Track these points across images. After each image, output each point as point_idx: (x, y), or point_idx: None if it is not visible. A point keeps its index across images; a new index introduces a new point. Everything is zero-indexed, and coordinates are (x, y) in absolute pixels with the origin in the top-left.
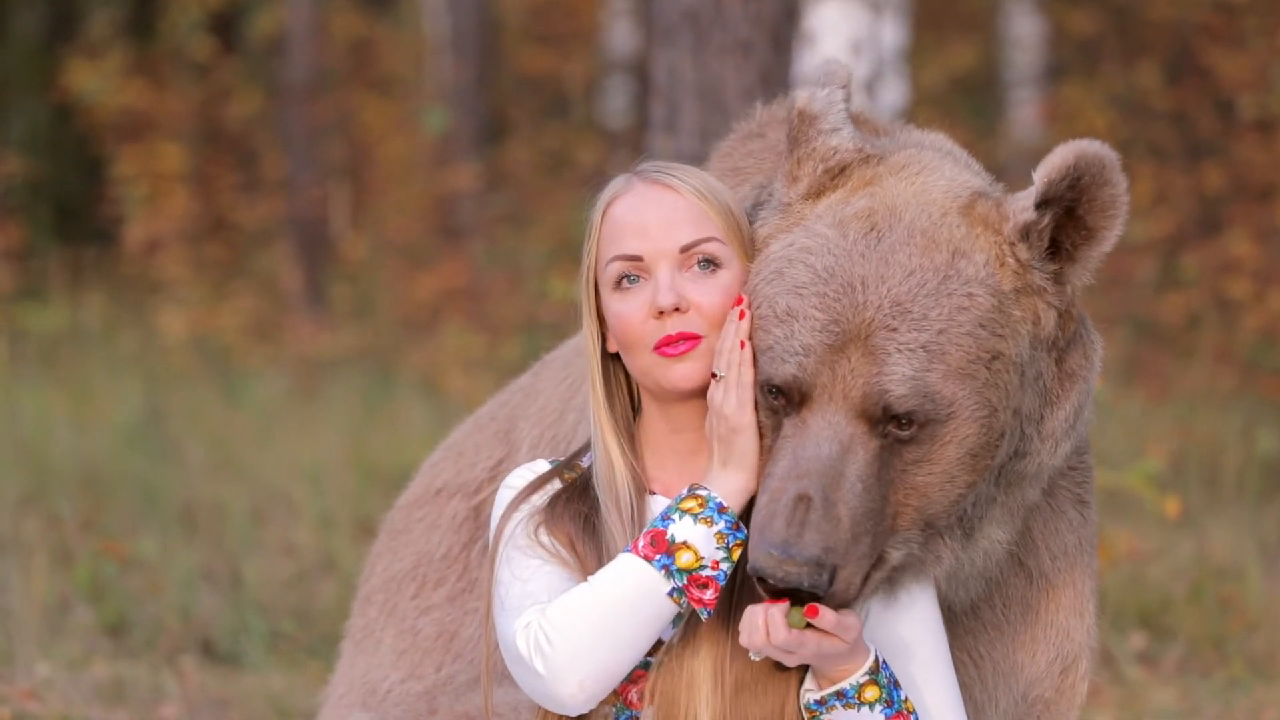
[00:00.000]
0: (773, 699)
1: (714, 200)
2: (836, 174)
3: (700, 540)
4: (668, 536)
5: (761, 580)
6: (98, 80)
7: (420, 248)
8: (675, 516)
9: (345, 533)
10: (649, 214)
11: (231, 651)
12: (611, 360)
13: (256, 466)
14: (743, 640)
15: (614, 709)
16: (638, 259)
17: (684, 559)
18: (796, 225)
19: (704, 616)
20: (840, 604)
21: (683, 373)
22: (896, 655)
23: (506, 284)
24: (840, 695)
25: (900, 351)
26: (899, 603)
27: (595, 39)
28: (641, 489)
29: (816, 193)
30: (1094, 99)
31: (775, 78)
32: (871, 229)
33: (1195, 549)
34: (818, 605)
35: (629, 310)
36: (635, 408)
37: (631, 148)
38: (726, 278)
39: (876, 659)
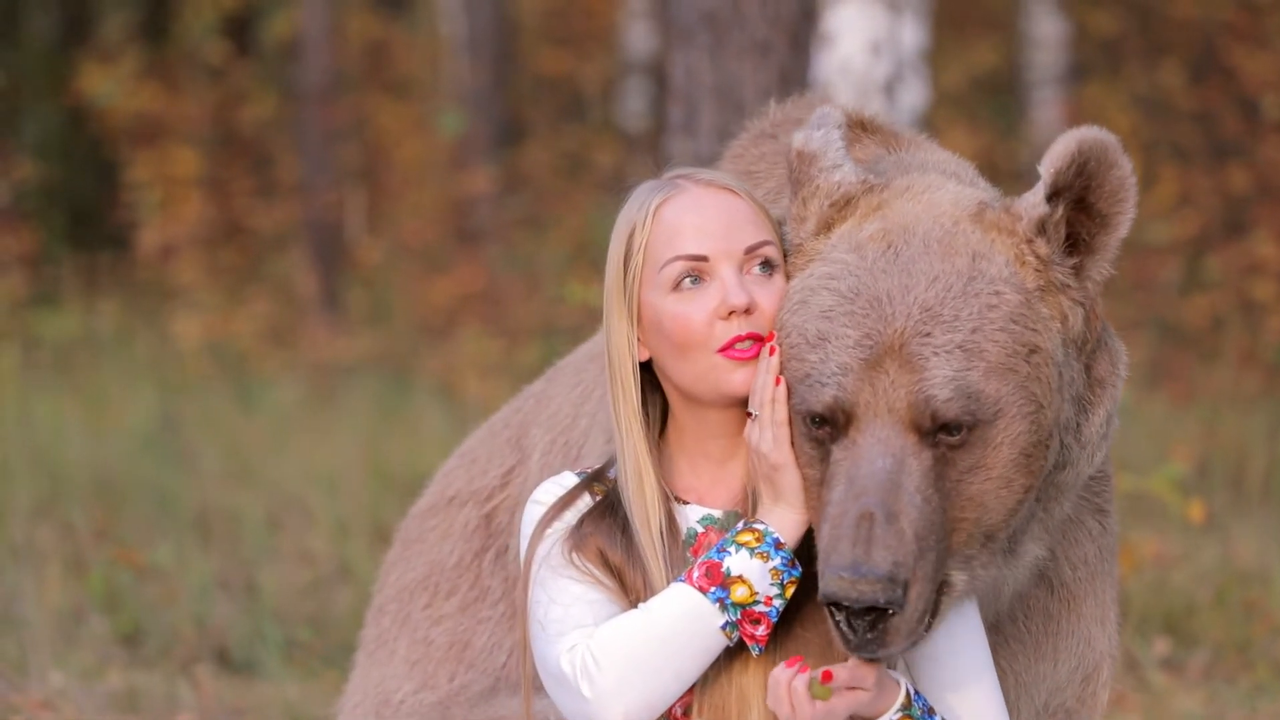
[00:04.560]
0: None
1: (764, 205)
2: (843, 205)
3: (756, 575)
4: (723, 569)
5: (835, 605)
6: (111, 84)
7: (437, 252)
8: (731, 549)
9: (361, 540)
10: (710, 215)
11: (247, 660)
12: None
13: (272, 473)
14: (770, 705)
15: None
16: (702, 259)
17: (739, 593)
18: (812, 260)
19: (756, 653)
20: (911, 625)
21: (745, 377)
22: (937, 667)
23: (524, 288)
24: None
25: (937, 355)
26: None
27: (613, 40)
28: (669, 501)
29: (826, 227)
30: (1117, 99)
31: (794, 78)
32: (888, 247)
33: (1220, 553)
34: (831, 670)
35: (693, 311)
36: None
37: (650, 150)
38: (781, 282)
39: (908, 693)
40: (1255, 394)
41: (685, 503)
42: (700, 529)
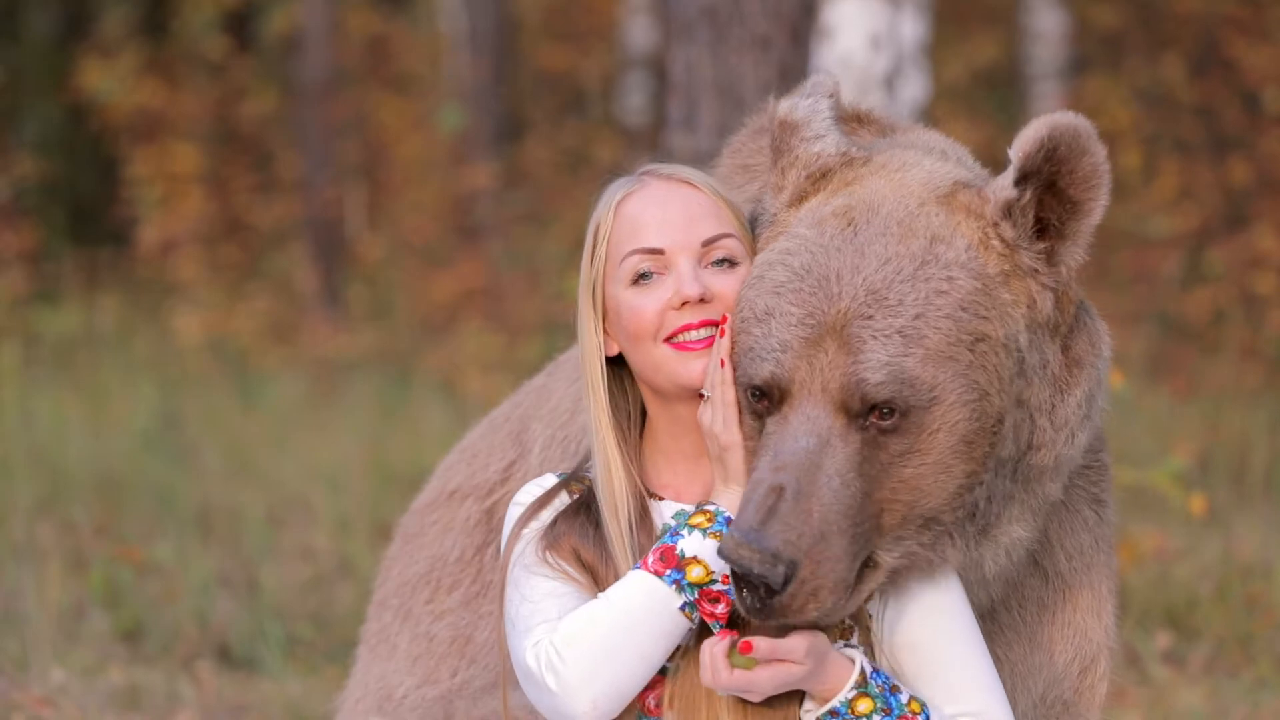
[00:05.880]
0: (793, 703)
1: (728, 199)
2: (818, 178)
3: (710, 555)
4: (677, 551)
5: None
6: (111, 80)
7: (437, 248)
8: (684, 532)
9: (363, 536)
10: (669, 209)
11: (248, 657)
12: (613, 366)
13: (273, 470)
14: (700, 675)
15: (635, 717)
16: (659, 252)
17: (694, 573)
18: (781, 234)
19: (716, 630)
20: (803, 606)
21: (703, 367)
22: (920, 643)
23: (525, 284)
24: (834, 714)
25: (875, 339)
26: (919, 591)
27: (613, 35)
28: (640, 495)
29: (799, 198)
30: (1118, 93)
31: (794, 73)
32: (848, 224)
33: (1222, 547)
34: (750, 640)
35: (647, 303)
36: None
37: (650, 145)
38: (744, 273)
39: (863, 670)
40: (1256, 388)
41: (662, 499)
42: (674, 524)
